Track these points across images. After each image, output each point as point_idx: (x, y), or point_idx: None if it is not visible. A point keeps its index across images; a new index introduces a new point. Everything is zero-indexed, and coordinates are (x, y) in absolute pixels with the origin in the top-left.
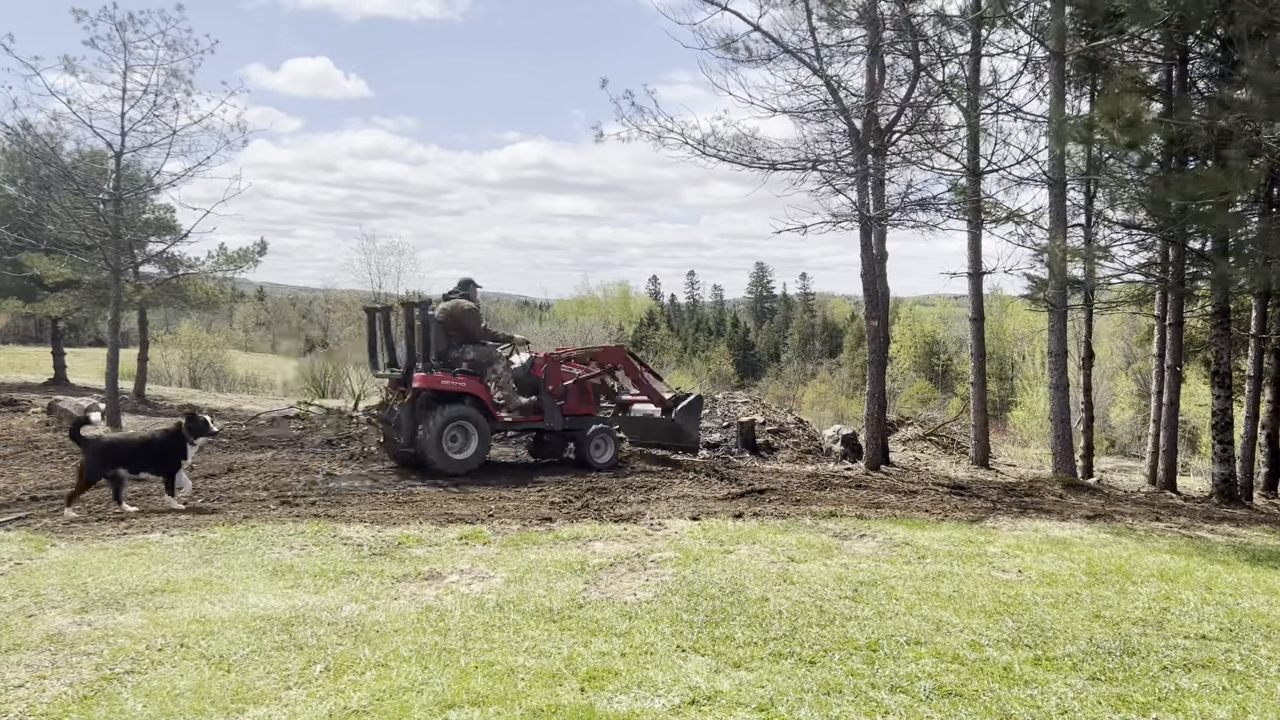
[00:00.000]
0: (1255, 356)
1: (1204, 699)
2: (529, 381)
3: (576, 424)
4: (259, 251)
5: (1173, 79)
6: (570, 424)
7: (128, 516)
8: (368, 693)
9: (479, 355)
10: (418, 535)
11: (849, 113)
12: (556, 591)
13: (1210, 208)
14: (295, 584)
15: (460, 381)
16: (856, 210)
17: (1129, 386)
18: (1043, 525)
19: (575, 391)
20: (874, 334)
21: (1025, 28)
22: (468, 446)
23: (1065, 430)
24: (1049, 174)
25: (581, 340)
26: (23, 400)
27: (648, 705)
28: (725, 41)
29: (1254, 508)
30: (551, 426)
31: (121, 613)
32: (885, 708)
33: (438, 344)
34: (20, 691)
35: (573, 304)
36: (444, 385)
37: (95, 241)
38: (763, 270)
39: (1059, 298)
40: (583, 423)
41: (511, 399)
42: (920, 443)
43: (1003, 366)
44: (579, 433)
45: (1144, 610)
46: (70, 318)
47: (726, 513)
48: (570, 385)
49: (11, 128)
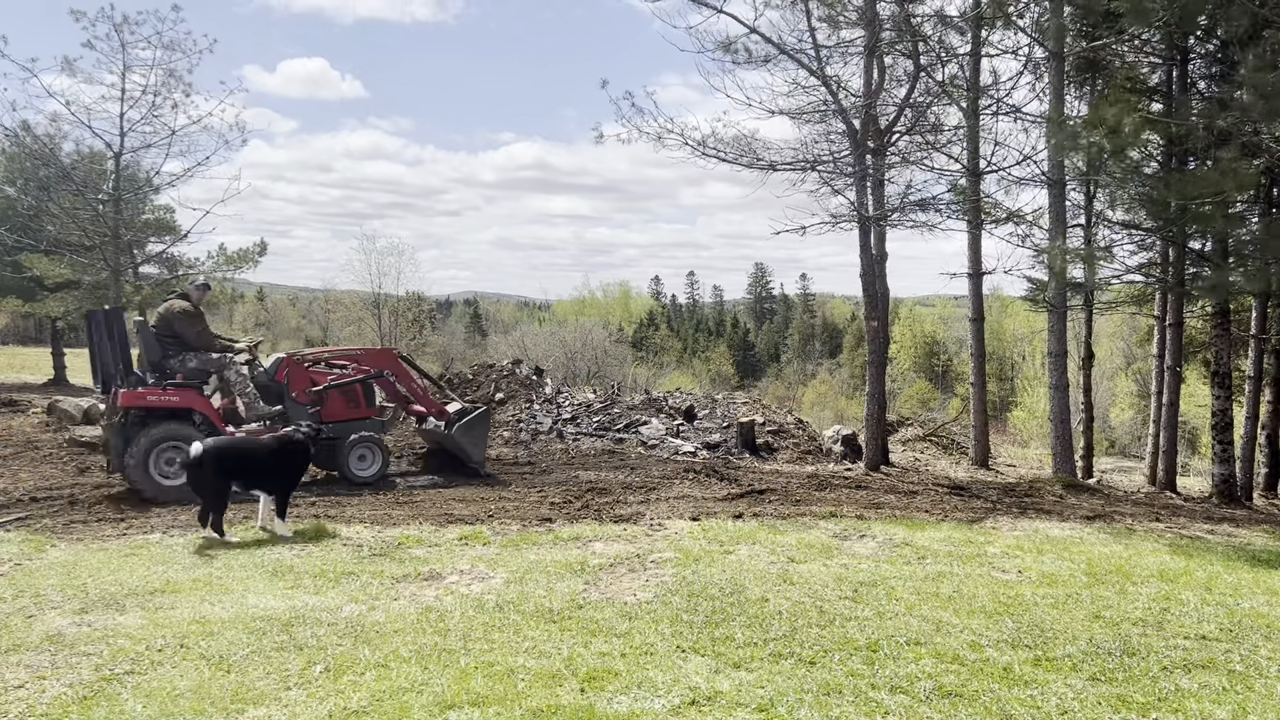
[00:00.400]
0: (1255, 357)
1: (1204, 699)
2: (274, 388)
3: (339, 431)
4: (259, 252)
5: (1173, 79)
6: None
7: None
8: (367, 693)
9: (202, 362)
10: (418, 536)
11: (848, 113)
12: (556, 592)
13: (1209, 208)
14: (295, 584)
15: (172, 395)
16: (856, 211)
17: (1129, 387)
18: (1043, 526)
19: (337, 396)
20: (874, 334)
21: (1025, 28)
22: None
23: (1065, 431)
24: (1048, 174)
25: (581, 341)
26: (22, 401)
27: (648, 706)
28: (724, 44)
29: (1254, 508)
30: None
31: (121, 613)
32: (885, 708)
33: (151, 353)
34: (20, 692)
35: (573, 304)
36: (150, 401)
37: (95, 242)
38: (762, 271)
39: (1059, 298)
40: (346, 430)
41: (253, 408)
42: (920, 443)
43: (1003, 367)
44: (339, 441)
45: (1144, 611)
46: (70, 318)
47: (726, 513)
48: (329, 390)
49: (10, 129)
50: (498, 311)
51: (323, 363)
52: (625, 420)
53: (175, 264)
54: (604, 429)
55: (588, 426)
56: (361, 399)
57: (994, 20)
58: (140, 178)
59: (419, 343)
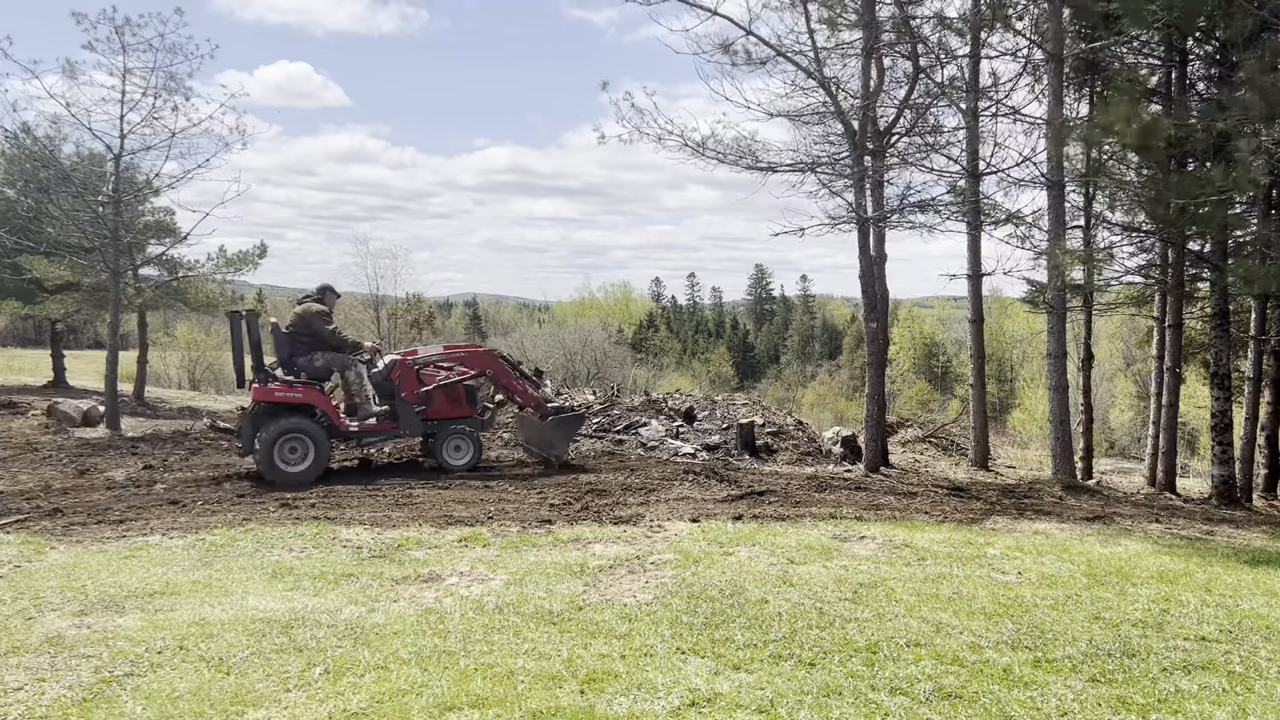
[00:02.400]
0: (1255, 358)
1: (1204, 701)
2: (388, 388)
3: (440, 429)
4: (259, 254)
5: (1172, 81)
6: (434, 429)
7: None
8: (367, 695)
9: (328, 361)
10: (417, 537)
11: (847, 115)
12: (556, 594)
13: (1209, 209)
14: (295, 586)
15: (296, 392)
16: (855, 212)
17: (1128, 388)
18: (1042, 527)
19: (442, 395)
20: (873, 336)
21: (1024, 31)
22: (305, 459)
23: (1064, 432)
24: (1048, 176)
25: (581, 343)
26: (22, 402)
27: (647, 707)
28: (722, 45)
29: (1253, 509)
30: (409, 434)
31: (121, 615)
32: (885, 710)
33: (281, 351)
34: (19, 694)
35: (573, 306)
36: (278, 397)
37: (94, 244)
38: (762, 272)
39: (1058, 300)
40: (445, 426)
41: (365, 406)
42: (920, 444)
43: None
44: (440, 434)
45: (1144, 612)
46: (69, 320)
47: (726, 514)
48: (435, 390)
49: (11, 130)
50: (497, 313)
51: (431, 365)
52: (625, 422)
53: (175, 266)
54: (603, 430)
55: (587, 428)
56: (464, 398)
57: (993, 22)
58: (140, 180)
59: (419, 344)
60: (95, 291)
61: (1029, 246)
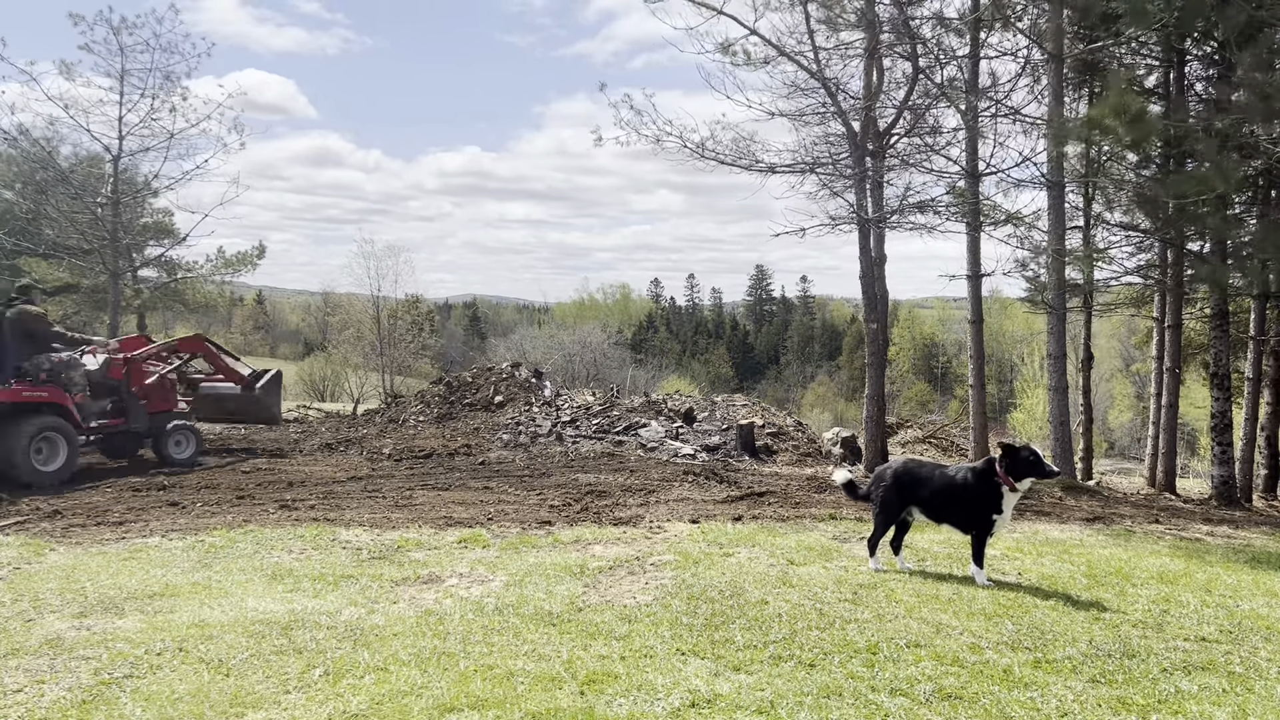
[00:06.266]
0: (1254, 358)
1: (1204, 701)
2: (106, 384)
3: (158, 421)
4: (258, 254)
5: (1170, 81)
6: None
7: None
8: (367, 696)
9: (57, 364)
10: (417, 539)
11: (847, 115)
12: (556, 595)
13: (1206, 209)
14: (294, 588)
15: (41, 391)
16: (855, 213)
17: (1127, 389)
18: (1042, 527)
19: (156, 389)
20: (873, 336)
21: (1023, 31)
22: (56, 458)
23: (1064, 432)
24: (1047, 176)
25: (581, 344)
26: None
27: (647, 708)
28: (723, 45)
29: (1253, 510)
30: (137, 428)
31: (120, 617)
32: (885, 710)
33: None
34: (19, 696)
35: (573, 307)
36: (25, 397)
37: (93, 245)
38: (762, 273)
39: (1058, 300)
40: (163, 419)
41: (87, 405)
42: (919, 445)
43: (1002, 369)
44: (159, 429)
45: (1143, 612)
46: (68, 322)
47: (726, 516)
48: (151, 384)
49: (8, 132)
50: (496, 314)
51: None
52: (624, 423)
53: (174, 267)
54: (603, 432)
55: (587, 429)
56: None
57: (992, 22)
58: (139, 181)
59: (418, 345)
60: (94, 293)
61: (1029, 247)
